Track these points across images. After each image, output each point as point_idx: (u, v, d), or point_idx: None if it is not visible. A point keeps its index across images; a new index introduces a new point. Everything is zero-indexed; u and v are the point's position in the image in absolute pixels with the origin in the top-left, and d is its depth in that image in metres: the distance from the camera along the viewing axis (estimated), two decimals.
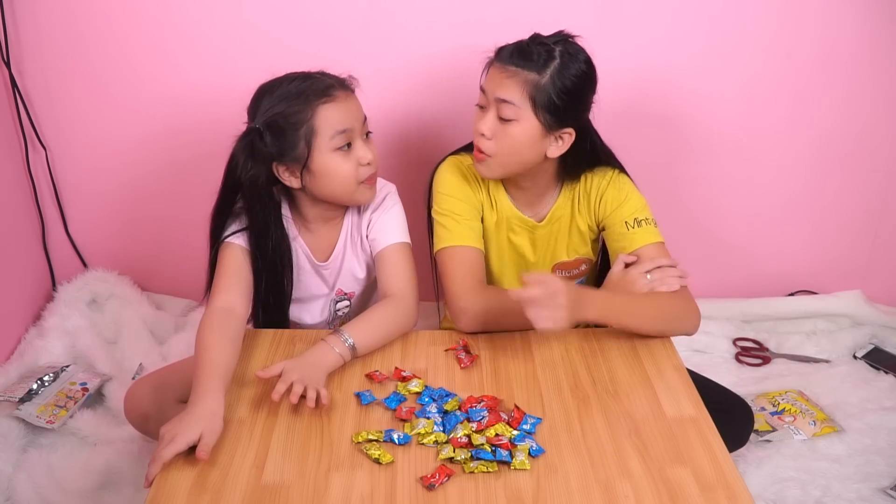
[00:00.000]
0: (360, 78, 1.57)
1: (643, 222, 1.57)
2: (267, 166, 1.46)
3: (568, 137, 1.52)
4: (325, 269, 1.61)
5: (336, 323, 1.67)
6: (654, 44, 2.01)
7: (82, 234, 2.26)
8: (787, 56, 2.04)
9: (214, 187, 1.64)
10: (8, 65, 2.01)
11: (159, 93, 2.06)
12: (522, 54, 1.46)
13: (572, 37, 1.50)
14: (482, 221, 1.64)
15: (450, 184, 1.61)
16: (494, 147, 1.50)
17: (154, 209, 2.22)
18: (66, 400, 1.88)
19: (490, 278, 1.70)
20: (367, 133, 1.52)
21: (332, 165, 1.46)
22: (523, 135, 1.49)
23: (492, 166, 1.53)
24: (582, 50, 1.49)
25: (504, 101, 1.47)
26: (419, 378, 1.35)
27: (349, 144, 1.47)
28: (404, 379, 1.35)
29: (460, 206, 1.59)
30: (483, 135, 1.50)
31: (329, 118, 1.44)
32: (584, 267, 1.71)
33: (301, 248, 1.58)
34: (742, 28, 2.01)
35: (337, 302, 1.65)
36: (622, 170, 1.63)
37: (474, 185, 1.62)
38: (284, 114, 1.44)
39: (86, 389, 1.93)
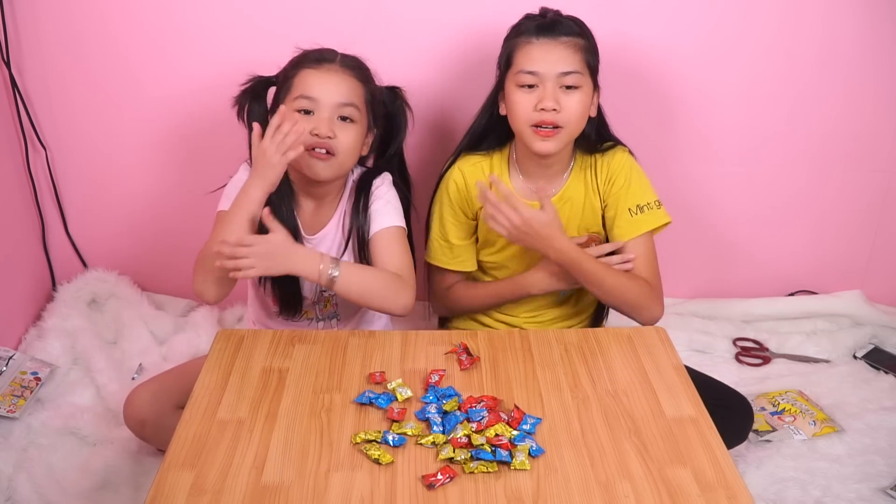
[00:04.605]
0: None
1: (647, 207, 1.65)
2: (262, 106, 1.57)
3: (597, 93, 1.62)
4: (309, 242, 1.61)
5: (321, 306, 1.68)
6: (654, 43, 2.01)
7: (82, 234, 2.26)
8: (787, 56, 2.04)
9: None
10: (8, 65, 2.01)
11: (159, 93, 2.06)
12: (564, 25, 1.55)
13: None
14: (478, 222, 1.69)
15: (445, 204, 1.70)
16: (564, 118, 1.55)
17: (154, 209, 2.21)
18: (22, 389, 1.89)
19: (504, 271, 1.74)
20: (345, 118, 1.53)
21: None
22: (587, 98, 1.57)
23: (562, 138, 1.57)
24: (569, 15, 1.61)
25: (568, 72, 1.53)
26: (406, 386, 1.33)
27: (310, 112, 1.51)
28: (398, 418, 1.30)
29: (453, 230, 1.70)
30: (554, 109, 1.53)
31: (303, 81, 1.52)
32: (593, 245, 1.72)
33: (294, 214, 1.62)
34: (743, 28, 2.01)
35: None
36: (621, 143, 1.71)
37: (473, 194, 1.66)
38: (286, 68, 1.55)
39: (38, 379, 1.93)
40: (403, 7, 1.97)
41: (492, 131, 1.68)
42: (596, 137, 1.67)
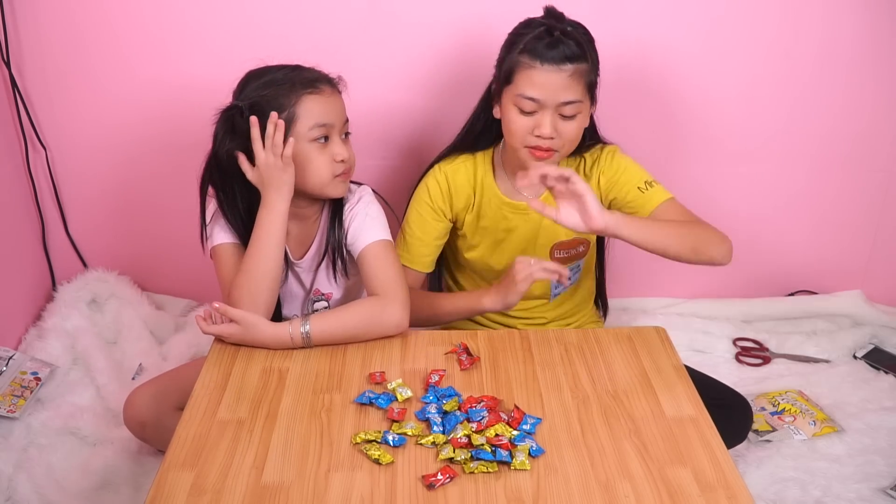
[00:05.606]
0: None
1: (654, 183, 1.63)
2: (245, 146, 1.47)
3: (594, 106, 1.60)
4: (298, 266, 1.61)
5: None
6: (653, 43, 2.01)
7: (82, 234, 2.26)
8: (787, 56, 2.04)
9: None
10: (8, 65, 2.01)
11: (160, 93, 2.06)
12: (568, 47, 1.48)
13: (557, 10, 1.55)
14: (462, 226, 1.68)
15: (422, 202, 1.67)
16: (560, 143, 1.53)
17: (154, 209, 2.21)
18: (22, 389, 1.90)
19: (491, 273, 1.72)
20: (347, 133, 1.54)
21: (307, 155, 1.48)
22: (585, 120, 1.56)
23: (555, 159, 1.57)
24: (571, 20, 1.54)
25: (569, 102, 1.50)
26: (406, 386, 1.33)
27: (326, 138, 1.50)
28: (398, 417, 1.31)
29: (427, 227, 1.66)
30: (551, 137, 1.51)
31: (312, 109, 1.47)
32: (581, 248, 1.71)
33: None
34: (742, 28, 2.01)
35: (314, 302, 1.66)
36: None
37: (456, 195, 1.65)
38: (268, 97, 1.47)
39: (38, 379, 1.94)
40: (395, 20, 1.97)
41: (484, 133, 1.67)
42: (586, 139, 1.65)
